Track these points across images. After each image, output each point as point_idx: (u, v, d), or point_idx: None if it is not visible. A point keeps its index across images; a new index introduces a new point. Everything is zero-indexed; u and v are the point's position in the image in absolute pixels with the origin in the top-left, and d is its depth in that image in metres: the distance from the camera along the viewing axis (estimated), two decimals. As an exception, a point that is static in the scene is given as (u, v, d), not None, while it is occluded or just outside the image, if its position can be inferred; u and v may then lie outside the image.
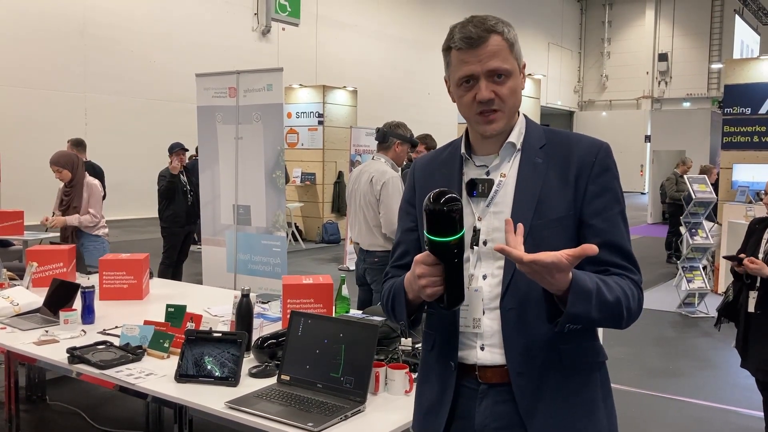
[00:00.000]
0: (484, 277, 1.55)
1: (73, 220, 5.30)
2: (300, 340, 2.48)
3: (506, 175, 1.57)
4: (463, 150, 1.62)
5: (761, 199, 7.82)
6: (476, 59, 1.49)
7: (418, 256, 1.43)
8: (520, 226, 1.41)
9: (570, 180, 1.53)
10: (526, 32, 26.15)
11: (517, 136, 1.58)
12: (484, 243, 1.55)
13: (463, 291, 1.44)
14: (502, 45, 1.51)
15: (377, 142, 4.68)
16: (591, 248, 1.31)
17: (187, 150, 7.50)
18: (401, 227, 1.75)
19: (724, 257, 3.91)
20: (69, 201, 5.34)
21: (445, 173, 1.65)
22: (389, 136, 4.58)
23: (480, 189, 1.57)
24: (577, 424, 1.53)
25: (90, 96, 14.15)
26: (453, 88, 1.58)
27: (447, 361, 1.59)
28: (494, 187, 1.56)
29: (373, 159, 4.71)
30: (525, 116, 1.62)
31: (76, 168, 5.37)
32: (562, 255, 1.31)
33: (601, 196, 1.53)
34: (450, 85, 1.60)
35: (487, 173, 1.59)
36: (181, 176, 7.27)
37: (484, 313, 1.54)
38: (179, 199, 7.14)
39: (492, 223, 1.55)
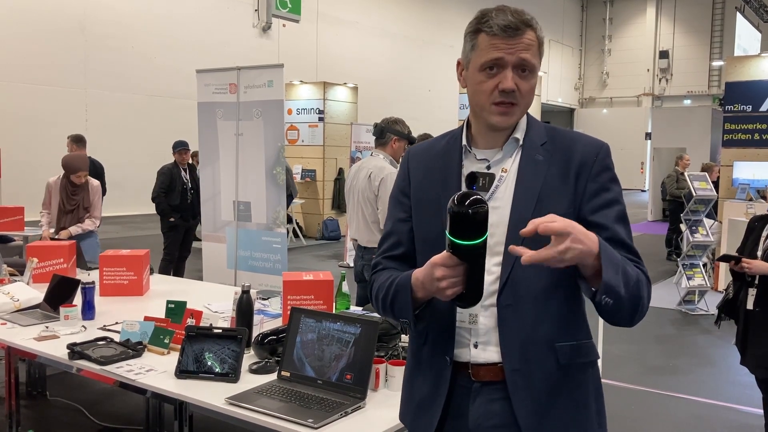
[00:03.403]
0: None
1: (77, 230, 5.46)
2: (300, 336, 2.48)
3: (507, 170, 1.55)
4: (464, 142, 1.60)
5: (763, 197, 7.85)
6: (509, 47, 1.47)
7: (436, 259, 1.39)
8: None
9: (570, 178, 1.53)
10: (526, 29, 26.09)
11: (520, 133, 1.57)
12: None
13: (483, 289, 1.41)
14: (535, 41, 1.50)
15: (374, 138, 4.67)
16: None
17: (189, 149, 7.49)
18: (393, 217, 1.70)
19: (718, 259, 3.90)
20: (79, 201, 5.50)
21: (443, 164, 1.62)
22: (386, 132, 4.56)
23: (480, 183, 1.53)
24: (570, 423, 1.53)
25: (90, 92, 14.15)
26: (471, 73, 1.54)
27: (442, 356, 1.57)
28: (495, 182, 1.54)
29: (371, 155, 4.70)
30: (527, 113, 1.61)
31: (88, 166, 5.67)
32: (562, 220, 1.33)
33: (601, 194, 1.53)
34: (465, 68, 1.56)
35: (488, 167, 1.57)
36: (183, 173, 7.28)
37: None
38: (176, 194, 7.16)
39: (490, 218, 1.50)
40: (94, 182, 5.65)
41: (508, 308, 1.51)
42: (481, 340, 1.53)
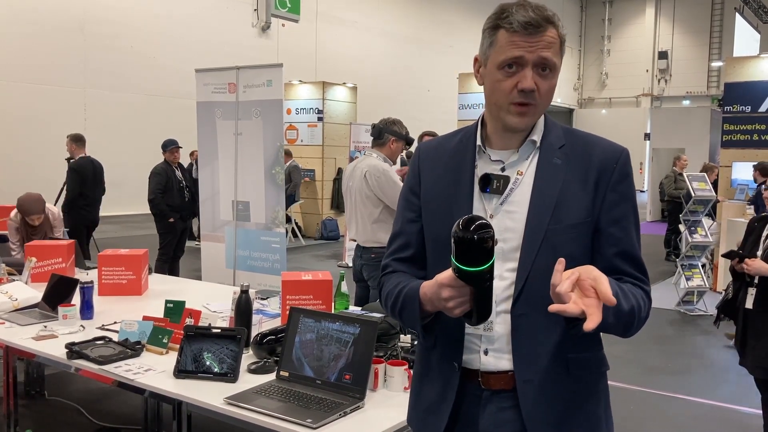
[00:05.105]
0: None
1: None
2: (299, 336, 2.48)
3: (523, 173, 1.50)
4: (479, 141, 1.55)
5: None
6: (529, 45, 1.41)
7: (443, 279, 1.35)
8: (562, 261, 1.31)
9: (589, 185, 1.48)
10: (526, 29, 26.09)
11: (537, 134, 1.52)
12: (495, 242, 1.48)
13: (491, 308, 1.37)
14: (556, 39, 1.45)
15: (372, 138, 4.67)
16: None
17: (181, 147, 7.49)
18: (402, 217, 1.65)
19: (724, 255, 3.90)
20: (40, 233, 5.07)
21: (455, 164, 1.56)
22: (384, 133, 4.56)
23: (494, 185, 1.48)
24: None
25: (89, 92, 14.14)
26: (489, 70, 1.47)
27: (450, 361, 1.53)
28: (510, 185, 1.49)
29: (365, 155, 4.70)
30: (544, 113, 1.55)
31: (45, 206, 5.12)
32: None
33: (621, 204, 1.49)
34: (483, 65, 1.50)
35: (503, 169, 1.51)
36: (176, 171, 7.28)
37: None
38: (174, 194, 7.15)
39: (504, 223, 1.48)
40: (53, 209, 5.28)
41: (522, 317, 1.47)
42: (492, 347, 1.49)
